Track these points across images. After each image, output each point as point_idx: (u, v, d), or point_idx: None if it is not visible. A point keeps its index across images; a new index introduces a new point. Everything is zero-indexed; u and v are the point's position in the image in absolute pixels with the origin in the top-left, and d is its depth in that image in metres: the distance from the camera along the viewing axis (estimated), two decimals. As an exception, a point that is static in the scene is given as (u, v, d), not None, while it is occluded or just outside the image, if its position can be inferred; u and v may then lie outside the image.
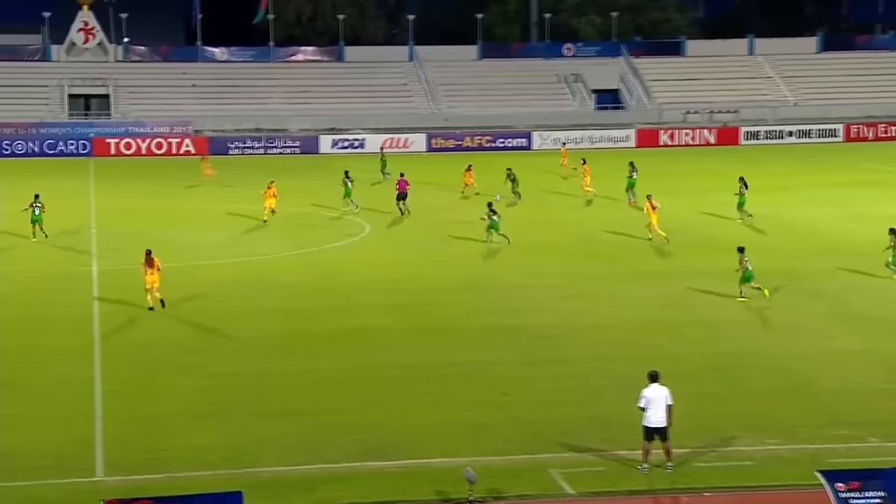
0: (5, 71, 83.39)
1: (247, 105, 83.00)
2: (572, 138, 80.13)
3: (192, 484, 19.28)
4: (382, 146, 71.95)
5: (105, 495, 17.13)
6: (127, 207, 50.33)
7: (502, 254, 40.33)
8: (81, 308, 32.46)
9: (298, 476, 20.20)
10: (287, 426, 22.73)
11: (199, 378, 26.00)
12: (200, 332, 29.94)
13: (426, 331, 30.08)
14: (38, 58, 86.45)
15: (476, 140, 79.21)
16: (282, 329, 30.27)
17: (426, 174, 62.12)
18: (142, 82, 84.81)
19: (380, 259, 39.81)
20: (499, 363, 27.17)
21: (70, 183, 59.95)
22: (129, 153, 74.81)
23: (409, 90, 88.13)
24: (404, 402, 24.29)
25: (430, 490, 19.48)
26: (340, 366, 26.94)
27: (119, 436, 22.08)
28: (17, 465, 20.55)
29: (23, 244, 41.75)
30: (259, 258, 39.91)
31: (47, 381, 25.60)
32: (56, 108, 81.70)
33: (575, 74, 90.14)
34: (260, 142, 77.23)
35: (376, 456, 21.13)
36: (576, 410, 23.67)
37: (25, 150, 73.61)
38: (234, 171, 62.89)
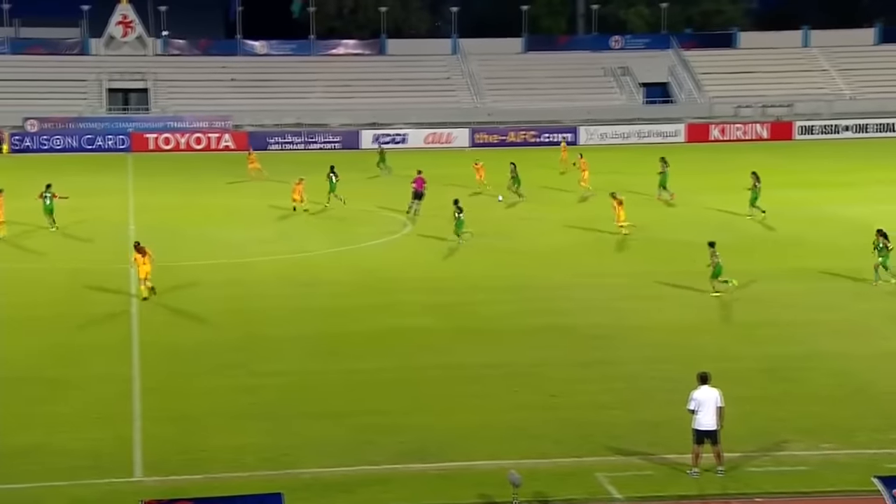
0: (44, 65, 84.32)
1: (287, 99, 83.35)
2: (620, 133, 79.92)
3: (231, 485, 19.42)
4: (381, 140, 71.91)
5: (144, 496, 17.28)
6: (166, 204, 50.72)
7: (547, 252, 40.21)
8: (120, 305, 32.75)
9: (339, 478, 20.27)
10: (328, 427, 22.81)
11: (238, 377, 26.16)
12: (240, 331, 30.11)
13: (470, 331, 30.07)
14: (77, 52, 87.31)
15: (520, 135, 79.05)
16: (323, 328, 30.37)
17: (469, 170, 62.07)
18: (181, 76, 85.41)
19: (421, 257, 39.85)
20: (545, 364, 27.11)
21: (108, 178, 60.52)
22: (168, 148, 75.38)
23: (452, 84, 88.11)
24: (447, 404, 24.30)
25: (473, 493, 19.48)
26: (383, 366, 27.00)
27: (158, 435, 22.26)
28: (57, 464, 20.79)
29: (62, 241, 42.18)
30: (300, 255, 40.08)
31: (86, 379, 25.86)
32: (95, 102, 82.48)
33: (623, 67, 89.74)
34: (300, 137, 77.53)
35: (418, 458, 21.16)
36: (624, 413, 23.58)
37: (64, 146, 74.36)
38: (273, 166, 63.11)
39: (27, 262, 38.46)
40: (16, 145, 74.19)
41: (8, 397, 24.52)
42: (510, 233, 43.31)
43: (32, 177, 59.28)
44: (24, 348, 28.31)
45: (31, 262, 38.38)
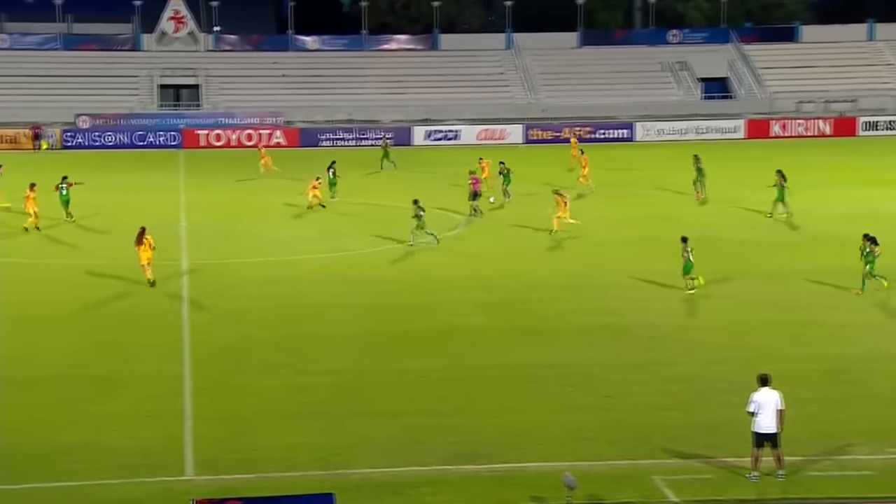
0: (96, 61, 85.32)
1: (338, 95, 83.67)
2: (677, 129, 79.36)
3: (282, 485, 19.53)
4: (384, 136, 71.93)
5: (195, 495, 17.44)
6: (216, 201, 51.10)
7: (601, 251, 40.05)
8: (171, 303, 33.06)
9: (389, 478, 20.32)
10: (379, 427, 22.87)
11: (288, 376, 26.31)
12: (289, 329, 30.27)
13: (523, 330, 30.02)
14: (129, 48, 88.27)
15: (575, 131, 78.75)
16: (372, 326, 30.46)
17: (522, 167, 61.94)
18: (232, 72, 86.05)
19: (473, 255, 39.83)
20: (599, 364, 27.01)
21: (159, 175, 61.11)
22: (219, 145, 75.96)
23: (506, 79, 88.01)
24: (500, 404, 24.27)
25: (525, 495, 19.44)
26: (434, 365, 27.03)
27: (208, 434, 22.44)
28: (107, 462, 21.01)
29: (112, 239, 42.63)
30: (347, 253, 40.23)
31: (136, 377, 26.12)
32: (146, 98, 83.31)
33: (681, 62, 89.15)
34: (352, 133, 77.80)
35: (470, 459, 21.15)
36: (681, 415, 23.43)
37: (115, 142, 75.19)
38: (324, 163, 63.36)
39: (75, 259, 38.90)
40: (67, 141, 75.13)
41: (57, 395, 24.83)
42: (561, 231, 43.12)
43: (84, 173, 60.07)
44: (73, 346, 28.64)
45: (80, 259, 38.82)
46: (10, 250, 40.48)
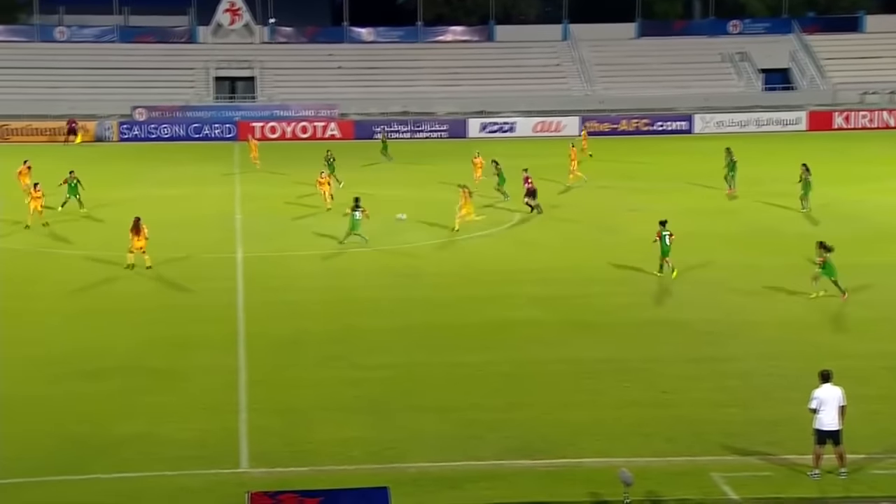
0: (153, 53, 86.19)
1: (393, 87, 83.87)
2: (737, 121, 78.70)
3: (336, 478, 19.63)
4: (383, 127, 71.85)
5: (249, 487, 17.59)
6: (271, 193, 51.39)
7: (653, 244, 39.75)
8: (226, 296, 33.33)
9: (445, 473, 20.36)
10: (433, 421, 22.94)
11: (343, 370, 26.43)
12: (343, 322, 30.41)
13: (580, 325, 29.94)
14: (185, 40, 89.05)
15: (633, 123, 78.42)
16: (428, 320, 30.52)
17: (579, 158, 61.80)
18: (287, 64, 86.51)
19: (530, 248, 39.77)
20: (657, 360, 26.88)
21: (215, 167, 61.59)
22: (274, 137, 76.41)
23: (563, 71, 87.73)
24: (556, 399, 24.24)
25: (582, 491, 19.41)
26: (488, 360, 27.03)
27: (263, 427, 22.62)
28: (164, 454, 21.26)
29: (168, 231, 43.03)
30: (404, 246, 40.31)
31: (192, 369, 26.38)
32: (202, 91, 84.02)
33: (741, 53, 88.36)
34: (406, 125, 77.95)
35: (526, 454, 21.16)
36: (740, 411, 23.26)
37: (171, 134, 75.92)
38: (380, 155, 63.67)
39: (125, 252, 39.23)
40: (124, 134, 75.97)
41: (117, 387, 25.15)
42: (616, 225, 42.98)
43: (141, 166, 60.76)
44: (130, 338, 28.96)
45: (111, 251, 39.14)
46: (75, 244, 41.01)
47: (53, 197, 45.60)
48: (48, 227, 42.32)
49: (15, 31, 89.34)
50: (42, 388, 25.10)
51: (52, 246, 40.31)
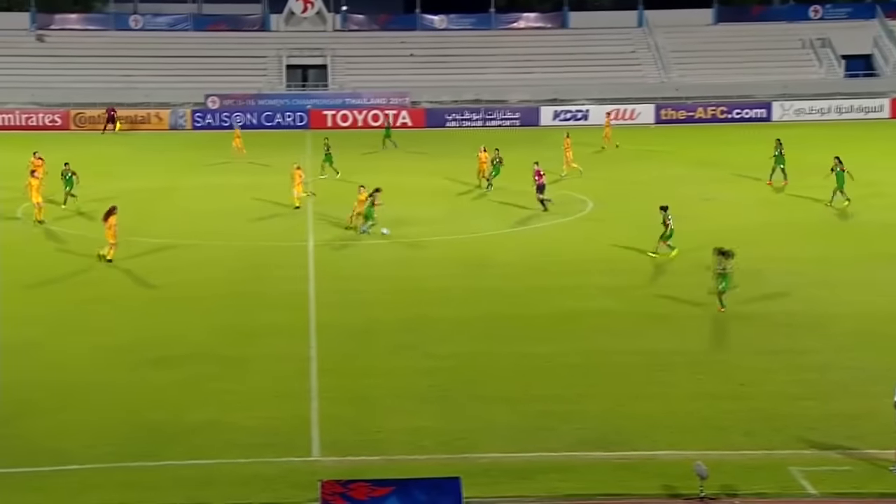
0: (226, 41, 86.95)
1: (465, 75, 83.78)
2: (817, 109, 77.58)
3: (408, 467, 19.71)
4: (386, 116, 71.57)
5: (321, 476, 17.71)
6: (342, 182, 51.56)
7: (732, 235, 39.31)
8: (298, 284, 33.60)
9: (516, 464, 20.37)
10: (505, 412, 22.94)
11: (414, 359, 26.53)
12: (413, 311, 30.51)
13: (652, 316, 29.75)
14: (258, 28, 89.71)
15: (709, 111, 77.61)
16: (498, 310, 30.51)
17: (653, 147, 61.48)
18: (359, 52, 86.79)
19: (601, 237, 39.53)
20: (732, 352, 26.67)
21: (287, 156, 61.98)
22: (346, 125, 76.75)
23: (638, 58, 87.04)
24: (628, 391, 24.13)
25: (656, 484, 19.32)
26: (559, 350, 26.98)
27: (335, 415, 22.79)
28: (237, 441, 21.52)
29: (239, 220, 43.46)
30: (471, 236, 40.33)
31: (263, 357, 26.64)
32: (274, 79, 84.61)
33: (822, 39, 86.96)
34: (478, 113, 77.88)
35: (598, 446, 21.10)
36: (818, 405, 22.99)
37: (244, 122, 76.51)
38: (450, 143, 63.71)
39: (204, 240, 39.74)
40: (198, 122, 76.81)
41: (186, 374, 25.47)
42: (692, 214, 42.57)
43: (213, 154, 61.35)
44: (201, 326, 29.32)
45: (208, 240, 39.64)
46: (144, 232, 41.57)
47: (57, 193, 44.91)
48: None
49: (90, 19, 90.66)
50: (115, 375, 25.50)
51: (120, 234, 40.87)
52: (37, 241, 39.81)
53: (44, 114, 75.88)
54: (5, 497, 19.08)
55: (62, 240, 39.95)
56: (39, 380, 25.08)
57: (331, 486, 14.65)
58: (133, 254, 38.01)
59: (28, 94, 77.51)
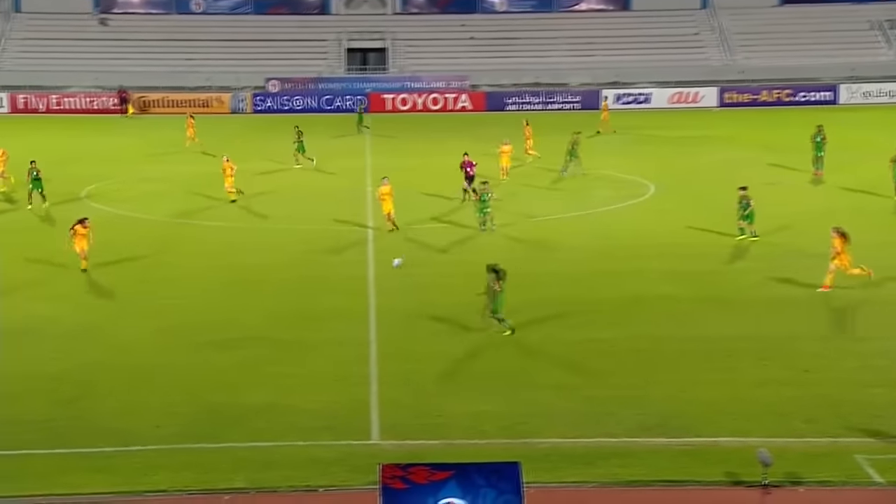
0: (286, 25, 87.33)
1: (526, 58, 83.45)
2: (885, 91, 76.47)
3: (467, 452, 19.76)
4: (361, 99, 72.13)
5: (381, 459, 17.78)
6: (401, 165, 51.67)
7: (798, 220, 38.98)
8: (357, 268, 33.75)
9: (578, 449, 20.33)
10: (565, 397, 22.91)
11: (475, 342, 26.52)
12: (475, 296, 30.43)
13: (715, 301, 29.54)
14: (318, 11, 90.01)
15: (774, 94, 76.81)
16: (560, 294, 30.43)
17: (717, 130, 60.95)
18: (419, 35, 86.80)
19: (665, 222, 39.30)
20: (797, 337, 26.39)
21: (347, 140, 62.28)
22: (405, 109, 76.87)
23: (701, 40, 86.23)
24: (690, 377, 23.99)
25: (719, 471, 19.20)
26: (621, 335, 26.87)
27: (394, 399, 22.87)
28: (296, 424, 21.68)
29: (298, 204, 43.69)
30: (537, 220, 40.25)
31: (325, 341, 26.79)
32: (334, 62, 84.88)
33: (891, 20, 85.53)
34: (539, 97, 77.61)
35: (660, 432, 21.01)
36: (885, 392, 22.72)
37: (304, 106, 76.98)
38: (508, 127, 63.44)
39: (263, 224, 40.02)
40: (258, 105, 77.34)
41: (246, 357, 25.68)
42: (756, 199, 42.07)
43: (275, 137, 61.71)
44: (262, 309, 29.52)
45: (269, 224, 39.90)
46: (207, 216, 41.97)
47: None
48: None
49: (152, 3, 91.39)
50: (178, 357, 25.80)
51: (186, 217, 41.28)
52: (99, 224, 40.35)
53: (106, 97, 76.76)
54: (71, 477, 19.39)
55: (122, 222, 40.43)
56: (104, 361, 25.47)
57: (391, 470, 14.71)
58: (193, 236, 38.42)
59: (91, 77, 78.48)
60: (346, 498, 18.70)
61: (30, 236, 38.50)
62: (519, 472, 14.77)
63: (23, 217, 41.53)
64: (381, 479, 14.62)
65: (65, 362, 25.39)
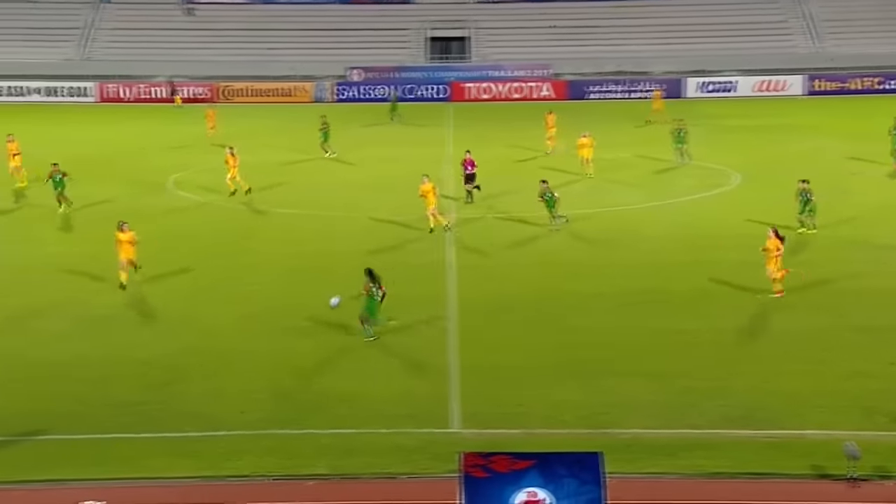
0: (368, 14, 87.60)
1: (608, 46, 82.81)
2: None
3: (548, 441, 19.70)
4: (394, 87, 71.08)
5: (461, 448, 17.79)
6: (484, 155, 51.47)
7: (882, 209, 38.22)
8: (436, 255, 33.78)
9: (659, 440, 20.19)
10: (647, 387, 22.75)
11: (554, 332, 26.47)
12: (551, 285, 30.41)
13: (799, 291, 29.05)
14: (400, 1, 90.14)
15: (864, 82, 75.33)
16: (639, 285, 30.19)
17: (803, 119, 60.02)
18: (501, 24, 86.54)
19: (750, 212, 38.65)
20: (884, 329, 25.90)
21: (428, 129, 62.32)
22: (487, 98, 76.74)
23: (788, 27, 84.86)
24: (773, 368, 23.70)
25: (804, 464, 18.94)
26: (703, 326, 26.63)
27: (474, 388, 22.88)
28: (377, 411, 21.79)
29: (374, 193, 43.80)
30: (619, 209, 39.98)
31: (404, 329, 26.82)
32: (416, 51, 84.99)
33: None
34: (621, 85, 77.03)
35: (744, 424, 20.79)
36: (976, 386, 22.22)
37: (386, 95, 77.19)
38: (588, 116, 63.01)
39: (349, 212, 40.12)
40: (340, 94, 77.74)
41: (328, 344, 25.87)
42: (840, 188, 41.43)
43: (355, 126, 61.98)
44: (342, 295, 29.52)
45: (355, 212, 40.01)
46: (284, 202, 42.28)
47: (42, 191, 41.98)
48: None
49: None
50: (261, 343, 26.06)
51: (264, 205, 41.64)
52: (184, 212, 40.87)
53: (192, 86, 77.70)
54: (158, 462, 19.69)
55: (206, 210, 40.91)
56: (193, 346, 25.88)
57: (472, 459, 14.69)
58: (276, 224, 38.76)
59: (176, 67, 79.45)
60: (427, 486, 18.74)
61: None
62: (600, 462, 14.67)
63: (107, 208, 42.05)
64: (462, 468, 14.60)
65: (155, 347, 25.82)
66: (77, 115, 68.59)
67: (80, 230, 37.94)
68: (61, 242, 36.65)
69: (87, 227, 37.87)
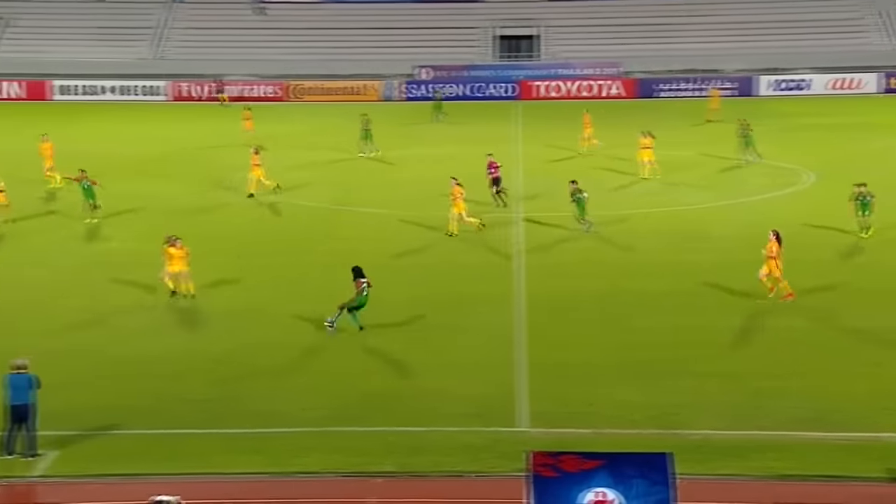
0: (437, 13, 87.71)
1: (678, 44, 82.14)
2: None
3: (616, 441, 19.56)
4: (436, 86, 70.86)
5: (529, 447, 17.74)
6: (552, 155, 51.40)
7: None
8: (504, 255, 33.71)
9: (730, 441, 20.00)
10: (717, 387, 22.56)
11: (621, 331, 26.35)
12: (620, 284, 30.25)
13: (873, 292, 28.74)
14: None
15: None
16: (703, 283, 29.93)
17: (879, 118, 59.09)
18: (570, 22, 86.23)
19: (820, 211, 38.15)
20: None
21: (498, 127, 62.24)
22: (556, 96, 76.49)
23: (864, 24, 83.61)
24: (846, 369, 23.44)
25: (879, 467, 18.66)
26: (773, 325, 26.51)
27: (541, 387, 22.82)
28: (445, 409, 21.79)
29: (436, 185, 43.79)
30: (685, 208, 39.68)
31: (472, 327, 26.89)
32: (484, 50, 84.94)
33: None
34: (692, 83, 76.37)
35: (816, 426, 20.53)
36: None
37: (454, 93, 77.21)
38: (660, 114, 62.60)
39: (410, 210, 40.03)
40: (410, 93, 77.91)
41: (395, 341, 25.97)
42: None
43: (423, 125, 62.09)
44: (411, 293, 29.69)
45: (416, 211, 39.94)
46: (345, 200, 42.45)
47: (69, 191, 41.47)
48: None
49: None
50: (329, 340, 26.16)
51: (329, 203, 41.82)
52: (266, 211, 41.20)
53: (263, 85, 78.35)
54: (225, 458, 19.84)
55: (285, 209, 41.19)
56: (263, 343, 26.04)
57: (541, 458, 14.63)
58: (342, 222, 38.93)
59: (248, 66, 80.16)
60: (494, 485, 18.72)
61: (197, 218, 39.19)
62: (670, 463, 14.54)
63: (188, 202, 42.39)
64: (531, 467, 14.55)
65: (227, 343, 26.05)
66: (149, 114, 69.41)
67: (145, 227, 37.84)
68: (126, 240, 36.74)
69: (153, 225, 37.98)
